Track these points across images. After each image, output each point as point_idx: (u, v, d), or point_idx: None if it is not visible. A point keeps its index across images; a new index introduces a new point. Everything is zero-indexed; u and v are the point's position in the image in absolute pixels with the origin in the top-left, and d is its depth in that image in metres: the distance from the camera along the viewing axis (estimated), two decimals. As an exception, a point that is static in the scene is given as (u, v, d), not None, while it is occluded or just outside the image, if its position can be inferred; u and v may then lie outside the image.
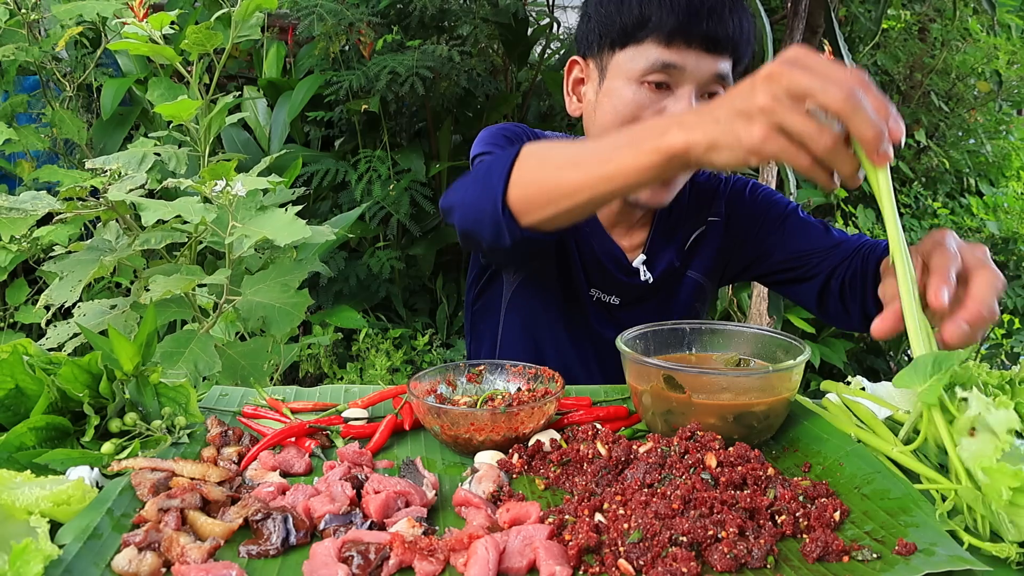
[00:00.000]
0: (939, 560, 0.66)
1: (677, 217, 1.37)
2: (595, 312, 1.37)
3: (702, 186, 1.40)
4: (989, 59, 3.34)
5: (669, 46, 1.15)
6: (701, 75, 1.16)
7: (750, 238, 1.38)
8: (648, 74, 1.16)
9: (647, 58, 1.16)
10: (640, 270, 1.35)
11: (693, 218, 1.38)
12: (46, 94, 2.88)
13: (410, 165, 3.16)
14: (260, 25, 1.67)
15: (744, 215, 1.38)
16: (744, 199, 1.40)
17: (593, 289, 1.35)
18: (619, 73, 1.19)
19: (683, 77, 1.16)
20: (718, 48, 1.16)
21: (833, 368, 3.01)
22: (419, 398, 0.95)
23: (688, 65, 1.15)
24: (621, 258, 1.34)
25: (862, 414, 0.92)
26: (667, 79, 1.16)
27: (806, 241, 1.32)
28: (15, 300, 2.79)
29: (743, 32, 1.19)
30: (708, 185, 1.41)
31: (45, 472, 0.81)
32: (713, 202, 1.39)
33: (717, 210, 1.39)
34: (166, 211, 1.36)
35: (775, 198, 1.40)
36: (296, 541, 0.72)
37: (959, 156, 3.47)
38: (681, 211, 1.37)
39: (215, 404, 1.07)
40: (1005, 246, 3.08)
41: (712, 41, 1.15)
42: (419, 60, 2.91)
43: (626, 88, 1.18)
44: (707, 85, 1.18)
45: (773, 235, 1.36)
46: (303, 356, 2.99)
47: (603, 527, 0.73)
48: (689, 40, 1.14)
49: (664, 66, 1.15)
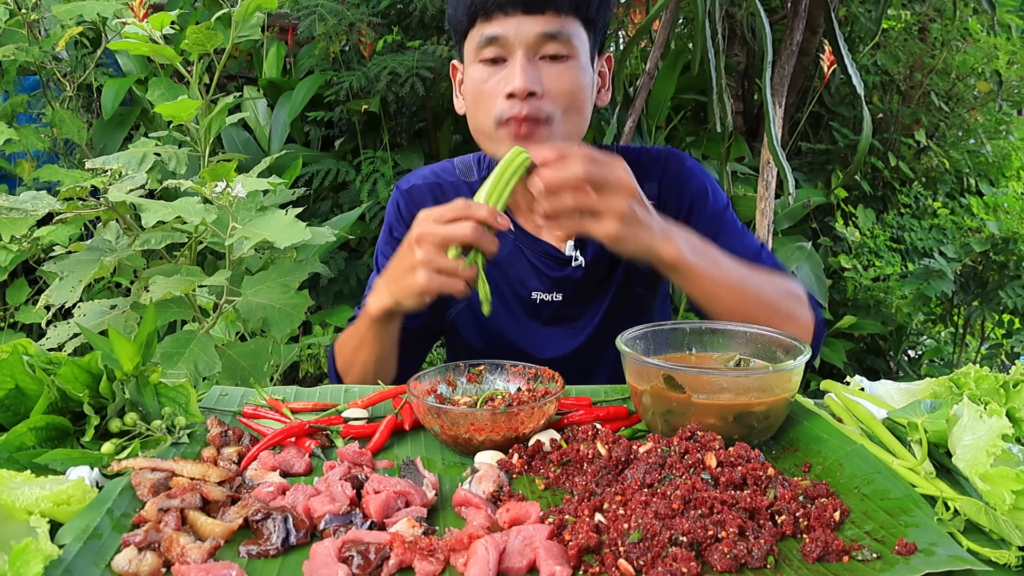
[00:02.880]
0: (939, 560, 0.66)
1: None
2: (543, 314, 1.37)
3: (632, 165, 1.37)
4: (989, 59, 3.34)
5: (490, 19, 1.16)
6: (525, 38, 1.15)
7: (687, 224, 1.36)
8: (480, 52, 1.18)
9: (476, 38, 1.18)
10: (572, 255, 1.34)
11: None
12: (46, 94, 2.88)
13: (410, 165, 3.16)
14: (260, 25, 1.67)
15: (678, 199, 1.36)
16: (680, 182, 1.37)
17: (535, 293, 1.36)
18: (468, 61, 1.23)
19: (509, 45, 1.16)
20: (538, 7, 1.15)
21: (833, 368, 3.01)
22: (419, 398, 0.95)
23: (509, 32, 1.15)
24: (553, 251, 1.34)
25: (861, 415, 0.92)
26: (499, 52, 1.17)
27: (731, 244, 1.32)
28: (15, 300, 2.79)
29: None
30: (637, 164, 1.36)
31: (45, 472, 0.81)
32: (645, 182, 1.35)
33: (650, 192, 1.35)
34: (166, 212, 1.36)
35: (709, 188, 1.38)
36: (296, 541, 0.72)
37: (959, 156, 3.47)
38: None
39: (215, 404, 1.07)
40: (1005, 246, 3.07)
41: (527, 3, 1.14)
42: (419, 60, 2.91)
43: (471, 71, 1.21)
44: (538, 47, 1.17)
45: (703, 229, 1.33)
46: (303, 356, 2.99)
47: (603, 527, 0.73)
48: (504, 7, 1.15)
49: (488, 40, 1.16)
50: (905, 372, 3.39)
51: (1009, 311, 3.18)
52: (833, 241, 3.31)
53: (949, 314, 3.49)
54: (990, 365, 3.30)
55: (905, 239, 3.26)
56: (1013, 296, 3.03)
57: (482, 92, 1.19)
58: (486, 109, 1.19)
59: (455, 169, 1.42)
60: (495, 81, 1.18)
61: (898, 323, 3.17)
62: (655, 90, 2.86)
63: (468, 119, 1.26)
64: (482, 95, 1.19)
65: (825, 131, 3.44)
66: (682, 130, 3.36)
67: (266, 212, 1.50)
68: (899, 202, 3.43)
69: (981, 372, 0.87)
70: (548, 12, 1.15)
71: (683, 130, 3.35)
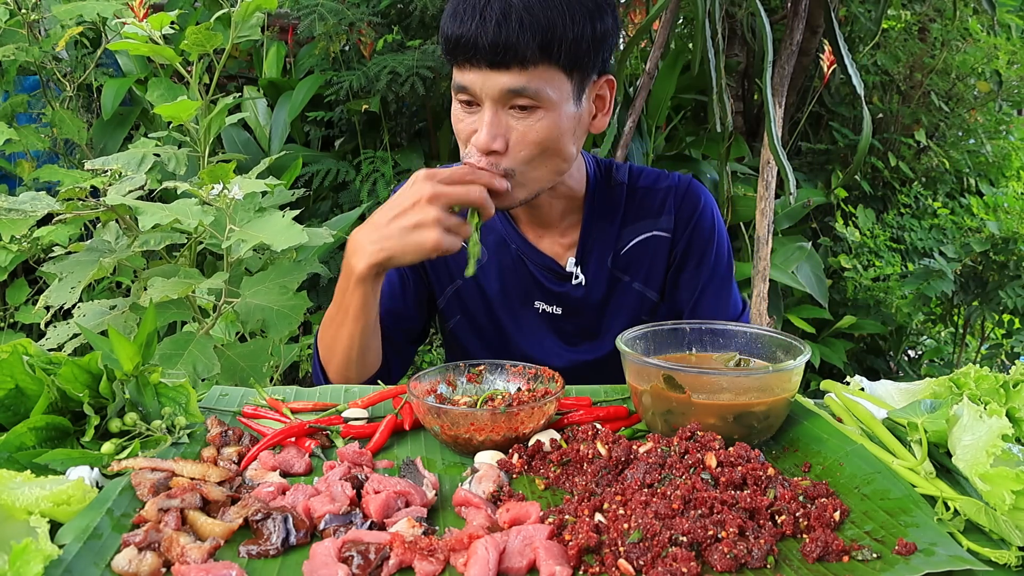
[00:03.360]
0: (939, 560, 0.66)
1: (610, 217, 1.35)
2: (542, 323, 1.37)
3: (645, 191, 1.37)
4: (989, 59, 3.33)
5: (460, 67, 1.13)
6: (491, 92, 1.11)
7: (685, 267, 1.36)
8: (457, 94, 1.17)
9: (455, 77, 1.16)
10: (573, 272, 1.34)
11: (632, 222, 1.35)
12: (46, 94, 2.88)
13: (410, 165, 3.16)
14: (260, 25, 1.67)
15: (688, 240, 1.35)
16: (693, 226, 1.35)
17: (537, 302, 1.36)
18: (453, 92, 1.21)
19: (478, 95, 1.13)
20: (503, 62, 1.09)
21: (833, 368, 3.01)
22: (419, 398, 0.95)
23: (475, 85, 1.12)
24: (554, 265, 1.34)
25: (861, 415, 0.92)
26: (469, 98, 1.15)
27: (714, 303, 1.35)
28: (15, 300, 2.79)
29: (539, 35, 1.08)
30: (654, 191, 1.37)
31: (45, 472, 0.81)
32: (661, 214, 1.35)
33: (666, 225, 1.35)
34: (163, 215, 1.36)
35: (715, 241, 1.37)
36: (296, 541, 0.72)
37: (959, 156, 3.47)
38: (614, 211, 1.35)
39: (215, 404, 1.07)
40: (1005, 246, 3.07)
41: (492, 56, 1.08)
42: (419, 60, 2.91)
43: (454, 103, 1.20)
44: (505, 100, 1.12)
45: (694, 277, 1.35)
46: (303, 356, 2.99)
47: (603, 527, 0.73)
48: (471, 59, 1.11)
49: (459, 88, 1.15)
50: (905, 372, 3.39)
51: (1009, 311, 3.18)
52: (833, 241, 3.31)
53: (949, 314, 3.49)
54: (990, 365, 3.30)
55: (905, 239, 3.26)
56: (1013, 296, 3.03)
57: (459, 130, 1.19)
58: (462, 143, 1.20)
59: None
60: (469, 123, 1.17)
61: (898, 323, 3.17)
62: (655, 90, 2.86)
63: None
64: (459, 135, 1.20)
65: (825, 131, 3.44)
66: (682, 130, 3.36)
67: (264, 214, 1.50)
68: (899, 202, 3.43)
69: (981, 372, 0.87)
70: (513, 67, 1.09)
71: (683, 130, 3.35)
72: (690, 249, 1.36)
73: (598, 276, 1.35)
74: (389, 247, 1.12)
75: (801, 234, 3.23)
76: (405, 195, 1.12)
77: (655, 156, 3.00)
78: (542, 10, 1.08)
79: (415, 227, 1.10)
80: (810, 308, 3.01)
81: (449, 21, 1.13)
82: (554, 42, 1.09)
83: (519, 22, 1.07)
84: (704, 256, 1.36)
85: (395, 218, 1.12)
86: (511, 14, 1.07)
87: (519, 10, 1.07)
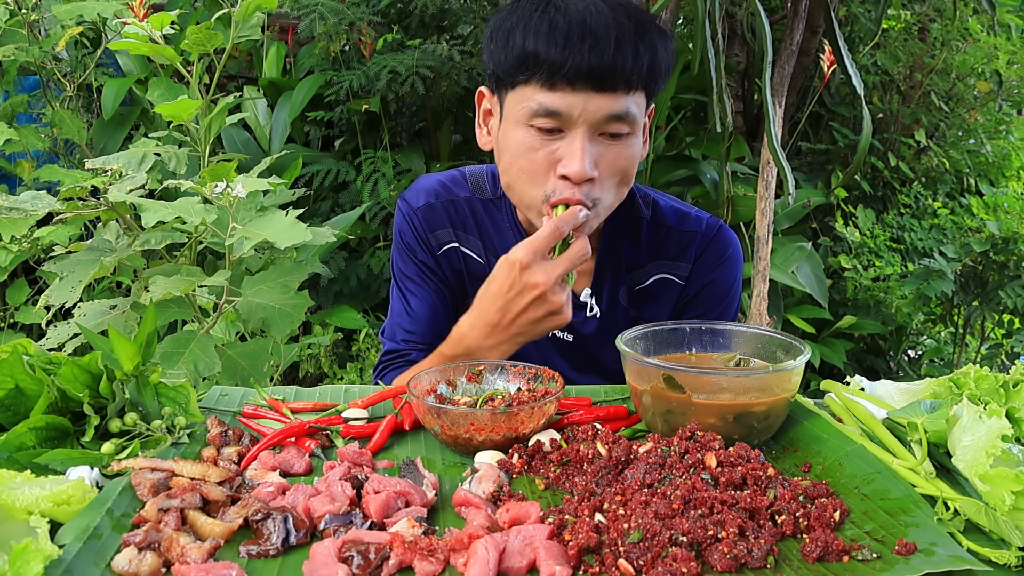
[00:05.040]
0: (939, 560, 0.66)
1: (628, 250, 1.32)
2: (552, 347, 1.35)
3: (668, 231, 1.32)
4: (989, 59, 3.34)
5: (552, 88, 1.06)
6: (592, 117, 1.06)
7: (688, 311, 1.35)
8: (533, 119, 1.08)
9: (531, 102, 1.07)
10: (588, 303, 1.32)
11: (648, 261, 1.33)
12: (46, 94, 2.88)
13: (410, 165, 3.16)
14: (260, 25, 1.67)
15: (699, 286, 1.34)
16: (710, 279, 1.33)
17: None
18: (510, 115, 1.12)
19: (572, 121, 1.07)
20: (610, 86, 1.05)
21: (833, 368, 3.01)
22: (419, 398, 0.95)
23: (574, 109, 1.06)
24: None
25: (861, 415, 0.92)
26: (555, 123, 1.08)
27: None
28: (15, 300, 2.79)
29: (646, 61, 1.07)
30: (678, 234, 1.33)
31: (45, 472, 0.81)
32: (680, 260, 1.32)
33: (682, 272, 1.33)
34: (166, 212, 1.36)
35: (729, 296, 1.35)
36: (296, 541, 0.72)
37: (959, 156, 3.47)
38: (632, 245, 1.32)
39: (215, 404, 1.07)
40: (1005, 246, 3.07)
41: (600, 79, 1.04)
42: (419, 60, 2.91)
43: (517, 131, 1.11)
44: (602, 126, 1.08)
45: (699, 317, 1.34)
46: (303, 356, 2.99)
47: (603, 527, 0.73)
48: (573, 81, 1.04)
49: (547, 112, 1.07)
50: (905, 372, 3.39)
51: (1009, 311, 3.18)
52: (833, 241, 3.31)
53: (949, 314, 3.49)
54: (990, 365, 3.30)
55: (905, 239, 3.27)
56: (1013, 296, 3.03)
57: (531, 161, 1.10)
58: (533, 181, 1.12)
59: (467, 183, 1.35)
60: (547, 153, 1.09)
61: (898, 323, 3.17)
62: (655, 90, 2.86)
63: (503, 175, 1.19)
64: (531, 166, 1.11)
65: (825, 131, 3.44)
66: (682, 130, 3.36)
67: (266, 212, 1.50)
68: (899, 202, 3.43)
69: (981, 372, 0.87)
70: (619, 90, 1.06)
71: (683, 130, 3.35)
72: (698, 298, 1.34)
73: (612, 310, 1.33)
74: (522, 341, 1.12)
75: (801, 234, 3.23)
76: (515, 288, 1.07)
77: (655, 156, 3.00)
78: (649, 37, 1.07)
79: (545, 316, 1.09)
80: (810, 308, 3.01)
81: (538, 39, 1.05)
82: (656, 68, 1.09)
83: (633, 46, 1.05)
84: (710, 310, 1.34)
85: (519, 315, 1.08)
86: (625, 39, 1.05)
87: (631, 35, 1.05)
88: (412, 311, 1.34)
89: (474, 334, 1.12)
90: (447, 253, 1.33)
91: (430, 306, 1.33)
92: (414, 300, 1.34)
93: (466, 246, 1.33)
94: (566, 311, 1.09)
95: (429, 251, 1.33)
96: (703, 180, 3.00)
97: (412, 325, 1.33)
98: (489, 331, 1.11)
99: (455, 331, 1.16)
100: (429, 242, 1.33)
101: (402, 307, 1.36)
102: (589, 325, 1.33)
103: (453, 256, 1.34)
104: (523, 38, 1.07)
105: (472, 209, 1.33)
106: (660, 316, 1.34)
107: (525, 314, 1.08)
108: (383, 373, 1.36)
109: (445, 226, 1.33)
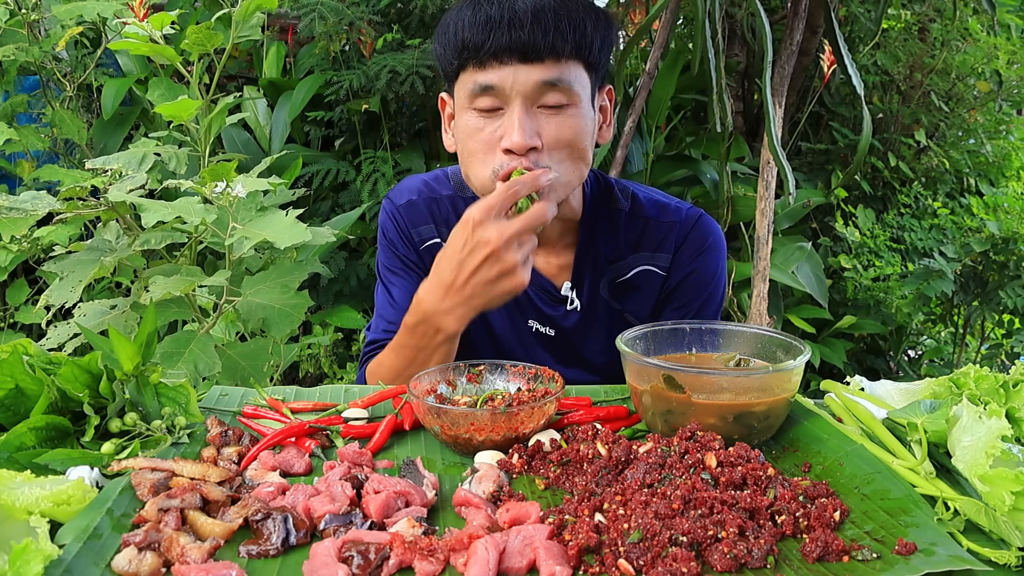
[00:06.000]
0: (939, 560, 0.66)
1: (607, 243, 1.33)
2: (536, 342, 1.36)
3: (647, 222, 1.33)
4: (989, 59, 3.34)
5: (483, 67, 1.10)
6: (524, 88, 1.10)
7: (671, 302, 1.35)
8: (473, 101, 1.13)
9: (469, 84, 1.12)
10: (569, 296, 1.32)
11: (629, 253, 1.33)
12: (46, 94, 2.88)
13: (410, 165, 3.16)
14: (260, 25, 1.67)
15: (681, 284, 1.34)
16: (691, 271, 1.33)
17: (531, 320, 1.35)
18: (458, 105, 1.18)
19: (507, 95, 1.11)
20: (535, 54, 1.09)
21: (833, 368, 3.01)
22: (419, 398, 0.95)
23: (505, 82, 1.10)
24: (549, 286, 1.33)
25: (861, 415, 0.92)
26: (494, 102, 1.12)
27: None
28: (15, 300, 2.79)
29: (570, 31, 1.10)
30: (657, 225, 1.33)
31: (45, 472, 0.81)
32: (660, 250, 1.33)
33: (662, 263, 1.33)
34: (166, 212, 1.36)
35: (711, 287, 1.35)
36: (296, 541, 0.72)
37: (959, 156, 3.47)
38: (612, 238, 1.33)
39: (215, 404, 1.07)
40: (1005, 246, 3.07)
41: (523, 50, 1.09)
42: (419, 59, 2.91)
43: (463, 117, 1.16)
44: (537, 96, 1.11)
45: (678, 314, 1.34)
46: (303, 356, 2.99)
47: (603, 527, 0.73)
48: (499, 55, 1.09)
49: (483, 89, 1.11)
50: (905, 372, 3.39)
51: (1009, 311, 3.18)
52: (833, 241, 3.31)
53: (949, 314, 3.49)
54: (990, 365, 3.30)
55: (905, 239, 3.27)
56: (1013, 296, 3.03)
57: (477, 143, 1.14)
58: (482, 161, 1.15)
59: (449, 181, 1.38)
60: (491, 131, 1.13)
61: (898, 323, 3.18)
62: (655, 90, 2.86)
63: (460, 164, 1.22)
64: (478, 146, 1.14)
65: (825, 131, 3.44)
66: (682, 130, 3.36)
67: (266, 212, 1.50)
68: (899, 202, 3.43)
69: (981, 372, 0.87)
70: (547, 59, 1.09)
71: (683, 130, 3.35)
72: (680, 288, 1.34)
73: (593, 303, 1.33)
74: (478, 304, 1.11)
75: (801, 234, 3.23)
76: (468, 246, 1.08)
77: (655, 156, 3.00)
78: (574, 10, 1.11)
79: (499, 277, 1.07)
80: (810, 308, 3.01)
81: (466, 27, 1.10)
82: (585, 39, 1.12)
83: (555, 18, 1.09)
84: (692, 300, 1.34)
85: (472, 274, 1.08)
86: (545, 11, 1.09)
87: (553, 8, 1.10)
88: (395, 302, 1.36)
89: (430, 297, 1.13)
90: (430, 248, 1.34)
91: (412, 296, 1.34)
92: (396, 291, 1.36)
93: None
94: (522, 273, 1.08)
95: (411, 246, 1.36)
96: (703, 180, 3.00)
97: (395, 315, 1.34)
98: (444, 292, 1.11)
99: (415, 296, 1.17)
100: (411, 237, 1.35)
101: (385, 300, 1.37)
102: (570, 319, 1.34)
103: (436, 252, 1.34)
104: (456, 30, 1.13)
105: (454, 206, 1.35)
106: (643, 308, 1.35)
107: (478, 273, 1.08)
108: (364, 363, 1.37)
109: (427, 222, 1.35)
